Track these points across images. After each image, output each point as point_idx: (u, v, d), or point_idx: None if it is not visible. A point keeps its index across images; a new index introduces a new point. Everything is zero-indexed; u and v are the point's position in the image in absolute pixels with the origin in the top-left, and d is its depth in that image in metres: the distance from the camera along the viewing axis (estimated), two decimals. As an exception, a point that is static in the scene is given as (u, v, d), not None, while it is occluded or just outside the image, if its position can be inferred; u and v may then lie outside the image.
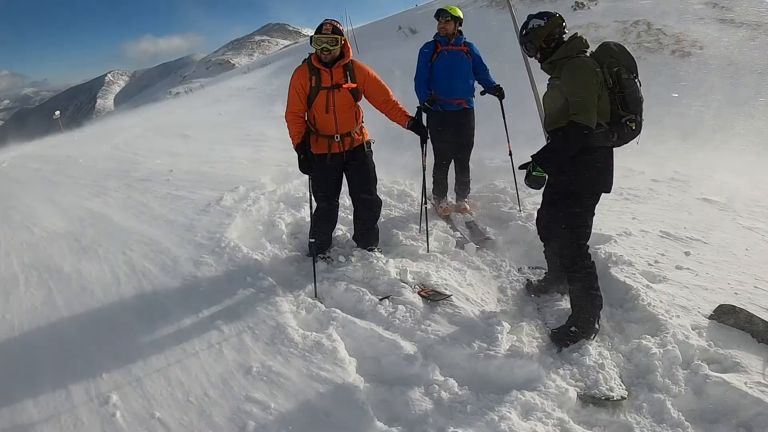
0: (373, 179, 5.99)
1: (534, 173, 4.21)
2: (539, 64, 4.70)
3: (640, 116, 4.37)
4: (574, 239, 4.61)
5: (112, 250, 6.78)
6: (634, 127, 4.34)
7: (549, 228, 4.91)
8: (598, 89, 4.18)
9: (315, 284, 5.51)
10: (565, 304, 5.17)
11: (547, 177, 4.35)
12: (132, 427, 3.85)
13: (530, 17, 4.59)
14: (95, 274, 6.17)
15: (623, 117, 4.31)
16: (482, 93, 7.22)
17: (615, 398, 3.99)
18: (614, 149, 4.54)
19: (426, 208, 6.38)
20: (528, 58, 4.94)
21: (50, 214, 8.75)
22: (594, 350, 4.49)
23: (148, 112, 31.96)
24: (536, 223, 5.15)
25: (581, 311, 4.65)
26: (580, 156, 4.31)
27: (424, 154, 6.14)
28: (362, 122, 5.79)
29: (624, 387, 4.09)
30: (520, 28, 4.67)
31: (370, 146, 5.86)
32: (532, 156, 4.30)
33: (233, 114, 19.06)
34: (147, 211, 8.32)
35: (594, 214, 4.70)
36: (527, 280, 5.63)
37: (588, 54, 4.38)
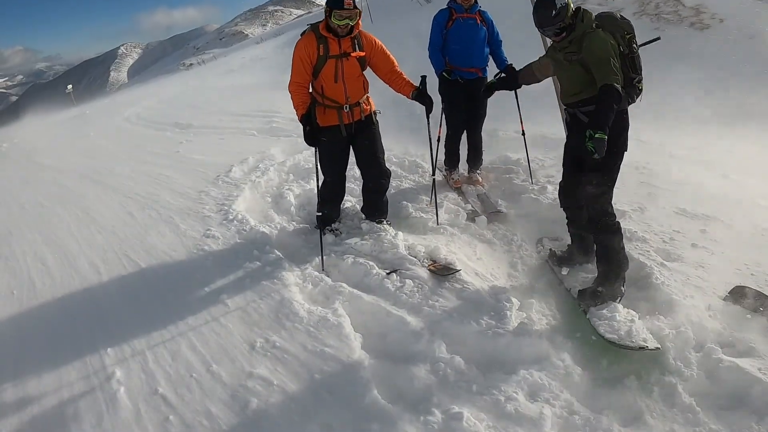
0: (382, 149, 5.89)
1: (597, 136, 4.11)
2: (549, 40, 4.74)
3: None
4: (607, 197, 4.68)
5: (117, 221, 6.82)
6: (641, 87, 4.65)
7: (576, 194, 4.86)
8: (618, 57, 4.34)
9: (322, 258, 5.45)
10: (588, 273, 5.10)
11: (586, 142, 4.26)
12: (135, 404, 3.85)
13: None
14: (103, 247, 6.18)
15: (633, 79, 4.58)
16: (495, 76, 7.02)
17: (650, 348, 3.97)
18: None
19: (435, 179, 6.29)
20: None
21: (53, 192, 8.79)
22: (623, 309, 4.41)
23: (161, 84, 31.99)
24: (560, 192, 5.14)
25: (609, 272, 4.64)
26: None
27: (429, 125, 6.00)
28: (368, 92, 5.69)
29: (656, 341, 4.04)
30: (537, 9, 4.52)
31: (376, 116, 5.79)
32: (588, 125, 4.22)
33: (245, 84, 18.91)
34: (155, 183, 8.33)
35: None
36: (550, 250, 5.52)
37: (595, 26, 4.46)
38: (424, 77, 5.62)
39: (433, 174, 6.34)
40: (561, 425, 3.57)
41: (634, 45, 4.56)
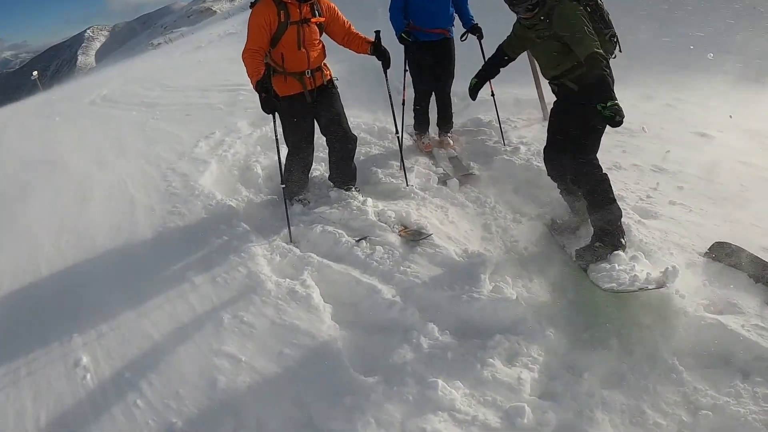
0: (344, 115, 5.79)
1: (609, 104, 4.01)
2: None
3: None
4: (593, 154, 4.61)
5: (83, 204, 6.70)
6: (615, 39, 4.63)
7: (560, 159, 4.78)
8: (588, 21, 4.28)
9: (289, 228, 5.34)
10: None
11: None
12: (102, 389, 3.78)
13: None
14: (66, 227, 6.12)
15: (607, 33, 4.54)
16: (462, 37, 6.88)
17: (650, 288, 3.90)
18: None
19: (399, 137, 6.22)
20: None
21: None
22: (625, 256, 4.33)
23: (129, 64, 31.64)
24: (545, 159, 5.04)
25: (603, 224, 4.52)
26: None
27: (387, 80, 5.89)
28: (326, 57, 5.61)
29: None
30: None
31: (334, 82, 5.70)
32: (596, 99, 4.09)
33: (213, 60, 18.75)
34: (121, 163, 8.16)
35: None
36: (551, 219, 5.34)
37: None
38: (378, 32, 5.54)
39: (398, 132, 6.26)
40: (540, 390, 3.49)
41: (599, 1, 4.51)
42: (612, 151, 6.35)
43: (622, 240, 4.50)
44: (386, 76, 5.80)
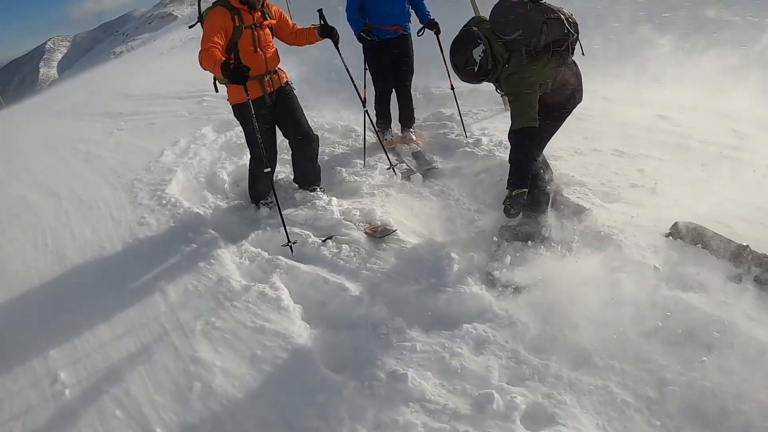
0: (305, 115, 5.82)
1: (515, 194, 4.23)
2: None
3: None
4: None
5: (52, 220, 6.62)
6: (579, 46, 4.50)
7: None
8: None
9: (285, 228, 5.20)
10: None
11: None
12: (82, 403, 3.78)
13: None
14: (37, 244, 6.07)
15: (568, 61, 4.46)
16: (419, 33, 6.89)
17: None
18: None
19: (366, 112, 6.31)
20: None
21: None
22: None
23: (91, 75, 31.12)
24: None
25: (528, 211, 4.71)
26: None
27: (342, 56, 5.93)
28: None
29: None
30: (456, 62, 4.39)
31: (290, 84, 5.74)
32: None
33: (175, 66, 18.48)
34: (85, 176, 8.08)
35: None
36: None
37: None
38: (320, 10, 5.61)
39: (364, 106, 6.30)
40: (509, 376, 3.52)
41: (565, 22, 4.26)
42: (572, 137, 6.40)
43: (542, 231, 4.75)
44: (338, 50, 5.79)
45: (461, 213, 5.55)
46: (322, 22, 5.56)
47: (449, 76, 6.90)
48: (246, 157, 7.00)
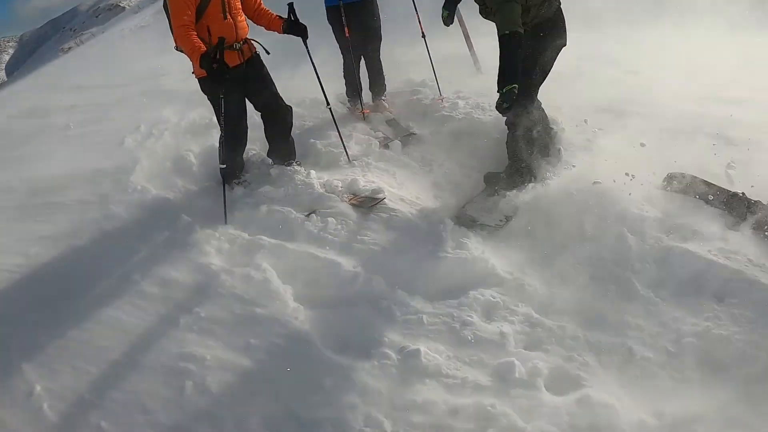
0: (275, 86, 5.60)
1: (505, 90, 4.16)
2: None
3: None
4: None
5: (14, 222, 6.24)
6: None
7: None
8: None
9: (225, 212, 5.13)
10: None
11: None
12: (63, 417, 3.47)
13: None
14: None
15: None
16: None
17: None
18: None
19: (330, 108, 6.05)
20: None
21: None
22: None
23: (41, 73, 30.29)
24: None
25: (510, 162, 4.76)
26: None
27: (310, 53, 5.77)
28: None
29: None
30: None
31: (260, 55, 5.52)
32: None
33: (128, 56, 18.06)
34: (45, 172, 7.58)
35: None
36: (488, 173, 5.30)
37: None
38: (290, 4, 5.33)
39: (328, 105, 6.07)
40: (525, 341, 3.44)
41: None
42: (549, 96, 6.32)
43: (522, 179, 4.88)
44: (307, 47, 5.64)
45: (446, 177, 5.48)
46: (292, 18, 5.32)
47: (419, 18, 6.85)
48: (213, 137, 6.83)
